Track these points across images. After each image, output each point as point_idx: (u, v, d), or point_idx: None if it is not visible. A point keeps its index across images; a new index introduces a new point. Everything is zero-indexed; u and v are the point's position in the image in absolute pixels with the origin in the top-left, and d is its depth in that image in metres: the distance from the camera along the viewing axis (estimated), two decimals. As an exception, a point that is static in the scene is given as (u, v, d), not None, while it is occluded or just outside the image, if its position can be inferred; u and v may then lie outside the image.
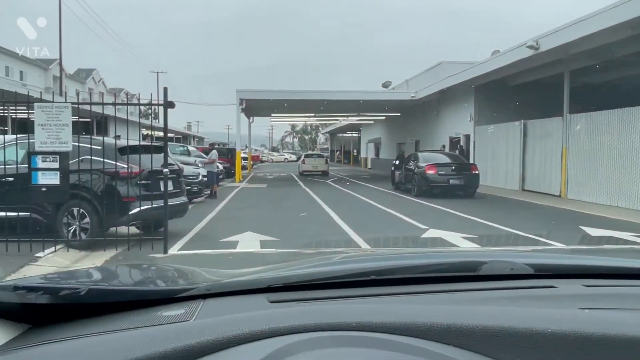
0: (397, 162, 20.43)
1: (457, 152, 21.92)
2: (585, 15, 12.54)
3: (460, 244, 7.99)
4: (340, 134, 63.90)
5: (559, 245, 7.91)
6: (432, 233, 8.94)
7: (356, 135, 57.14)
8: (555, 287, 1.18)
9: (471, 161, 20.25)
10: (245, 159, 37.19)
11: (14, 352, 0.87)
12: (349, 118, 40.68)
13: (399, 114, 33.49)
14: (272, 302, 1.05)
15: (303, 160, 33.53)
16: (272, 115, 38.99)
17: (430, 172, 16.23)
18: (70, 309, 1.02)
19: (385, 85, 34.16)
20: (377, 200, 15.26)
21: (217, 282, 1.20)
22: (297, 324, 0.84)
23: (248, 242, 8.14)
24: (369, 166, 44.47)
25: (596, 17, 12.12)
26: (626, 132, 13.25)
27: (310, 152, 43.34)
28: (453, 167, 16.55)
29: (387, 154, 37.22)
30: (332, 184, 23.91)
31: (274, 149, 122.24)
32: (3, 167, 7.07)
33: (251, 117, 36.85)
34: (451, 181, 16.16)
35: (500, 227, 9.84)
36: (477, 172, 16.69)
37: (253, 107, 30.17)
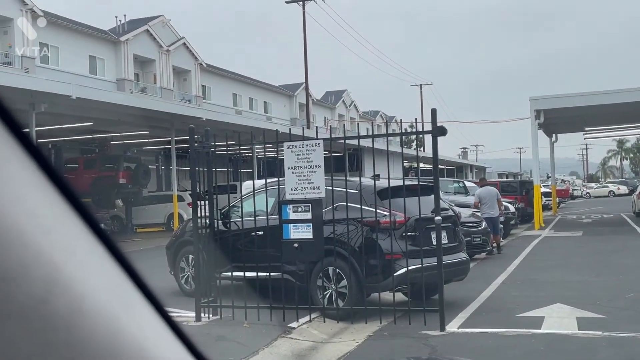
0: None
1: None
2: None
3: None
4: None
5: None
6: None
7: None
8: None
9: None
10: (547, 194, 36.07)
11: None
12: None
13: None
14: None
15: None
16: (586, 129, 36.92)
17: None
18: None
19: None
20: None
21: None
22: None
23: (558, 318, 7.86)
24: None
25: None
26: None
27: (650, 180, 39.49)
28: None
29: None
30: (691, 229, 21.33)
31: (590, 179, 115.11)
32: (253, 219, 8.41)
33: (553, 135, 35.66)
34: None
35: None
36: None
37: (555, 121, 29.20)
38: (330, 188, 7.85)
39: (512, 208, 21.19)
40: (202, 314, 8.29)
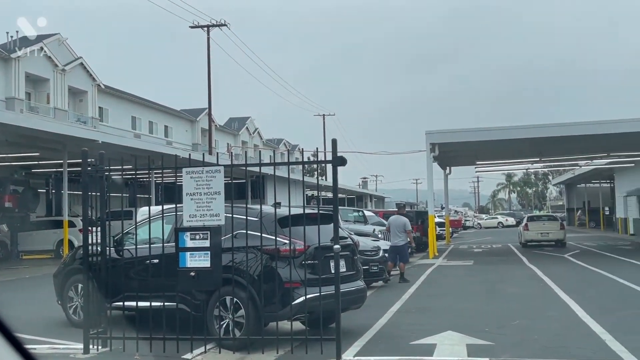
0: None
1: None
2: None
3: None
4: (582, 185, 60.59)
5: None
6: None
7: (606, 185, 53.99)
8: None
9: None
10: (441, 224, 37.26)
11: None
12: (594, 161, 38.54)
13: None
14: None
15: (526, 224, 32.52)
16: (477, 163, 38.61)
17: None
18: None
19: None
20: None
21: None
22: None
23: (449, 346, 8.07)
24: (631, 231, 41.08)
25: None
26: None
27: (536, 212, 41.69)
28: None
29: (660, 212, 34.00)
30: (571, 259, 22.75)
31: (482, 210, 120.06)
32: (148, 246, 8.16)
33: (448, 168, 37.01)
34: None
35: None
36: None
37: (450, 154, 30.35)
38: (231, 215, 7.74)
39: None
40: (91, 346, 7.90)
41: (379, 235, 19.28)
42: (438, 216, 36.51)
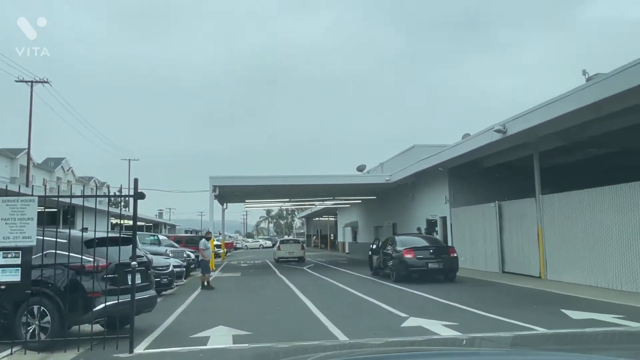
0: (374, 246, 20.49)
1: (423, 232, 22.29)
2: (550, 100, 13.39)
3: (442, 332, 7.92)
4: (317, 218, 64.08)
5: (542, 330, 7.91)
6: (412, 322, 8.86)
7: (333, 219, 57.38)
8: None
9: (449, 243, 20.48)
10: (218, 246, 36.83)
11: None
12: (325, 202, 41.10)
13: (375, 197, 34.06)
14: None
15: (278, 246, 33.42)
16: (247, 201, 39.15)
17: (408, 256, 16.31)
18: None
19: (360, 168, 35.04)
20: (355, 287, 15.13)
21: None
22: None
23: (220, 337, 7.93)
24: (347, 251, 44.30)
25: (559, 102, 12.96)
26: (597, 212, 13.74)
27: (285, 237, 43.18)
28: (431, 251, 16.68)
29: (365, 238, 37.32)
30: (308, 270, 23.66)
31: (248, 235, 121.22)
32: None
33: (225, 204, 36.93)
34: (430, 265, 16.22)
35: (481, 312, 9.82)
36: (455, 254, 16.83)
37: (227, 194, 30.35)
38: (42, 238, 6.92)
39: (192, 256, 21.12)
40: None
41: (170, 255, 18.49)
42: (216, 240, 36.10)
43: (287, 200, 40.43)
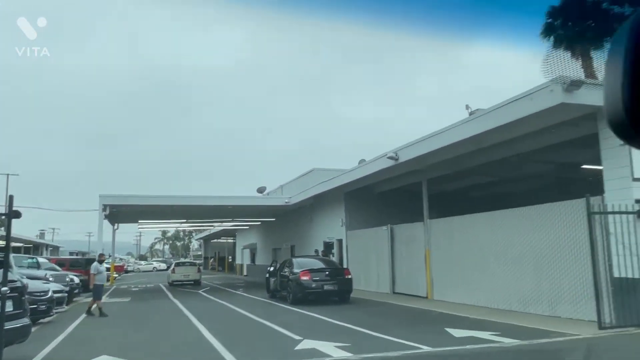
0: (272, 268, 20.45)
1: (320, 255, 22.73)
2: (437, 131, 14.41)
3: (334, 354, 8.06)
4: (215, 240, 62.68)
5: (427, 349, 8.34)
6: (306, 344, 8.92)
7: (231, 240, 56.54)
8: None
9: (345, 265, 21.00)
10: (108, 269, 34.50)
11: None
12: (223, 223, 40.43)
13: (274, 219, 34.12)
14: None
15: (173, 269, 32.21)
16: (140, 221, 37.35)
17: (305, 278, 16.47)
18: None
19: (260, 190, 34.98)
20: (252, 310, 14.95)
21: None
22: None
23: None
24: (245, 273, 43.73)
25: (445, 133, 13.99)
26: (475, 235, 14.91)
27: (181, 260, 41.66)
28: (327, 272, 16.99)
29: (264, 260, 37.10)
30: (204, 294, 23.05)
31: (141, 257, 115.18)
32: None
33: (116, 224, 34.91)
34: (325, 287, 16.49)
35: (372, 333, 10.14)
36: (349, 276, 17.29)
37: (118, 213, 28.75)
38: None
39: (77, 280, 19.63)
40: None
41: (50, 279, 17.01)
42: (106, 262, 33.84)
43: (184, 221, 39.21)
